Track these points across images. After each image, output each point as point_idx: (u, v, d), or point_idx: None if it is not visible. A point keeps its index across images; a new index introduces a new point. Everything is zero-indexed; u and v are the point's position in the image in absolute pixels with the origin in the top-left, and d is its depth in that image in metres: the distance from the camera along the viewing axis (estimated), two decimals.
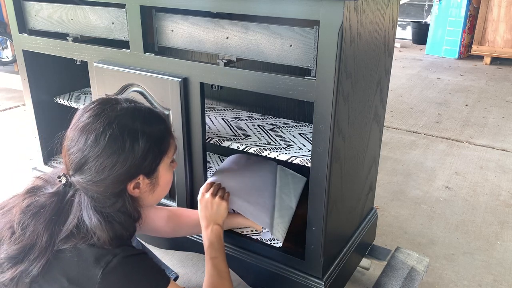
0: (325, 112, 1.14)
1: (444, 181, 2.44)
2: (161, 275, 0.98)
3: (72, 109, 1.91)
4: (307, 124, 1.68)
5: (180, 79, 1.36)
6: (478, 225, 2.03)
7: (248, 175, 1.54)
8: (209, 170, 1.87)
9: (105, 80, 1.54)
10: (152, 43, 1.44)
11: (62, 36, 1.65)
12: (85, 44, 1.59)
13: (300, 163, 1.36)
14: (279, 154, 1.39)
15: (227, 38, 1.27)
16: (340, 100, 1.15)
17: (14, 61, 4.18)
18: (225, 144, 1.49)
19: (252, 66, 1.36)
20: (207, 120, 1.68)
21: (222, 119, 1.72)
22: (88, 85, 1.86)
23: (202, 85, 1.36)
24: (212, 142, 1.50)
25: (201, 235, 1.53)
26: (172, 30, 1.37)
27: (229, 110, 1.83)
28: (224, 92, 1.88)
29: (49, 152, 1.99)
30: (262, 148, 1.43)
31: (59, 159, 2.01)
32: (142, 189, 1.01)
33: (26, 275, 0.90)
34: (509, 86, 4.42)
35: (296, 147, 1.44)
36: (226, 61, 1.29)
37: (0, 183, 2.32)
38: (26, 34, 1.74)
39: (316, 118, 1.16)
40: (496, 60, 5.44)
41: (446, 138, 3.05)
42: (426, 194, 2.30)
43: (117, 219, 0.96)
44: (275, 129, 1.62)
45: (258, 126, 1.65)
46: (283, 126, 1.65)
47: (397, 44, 6.29)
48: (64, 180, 0.96)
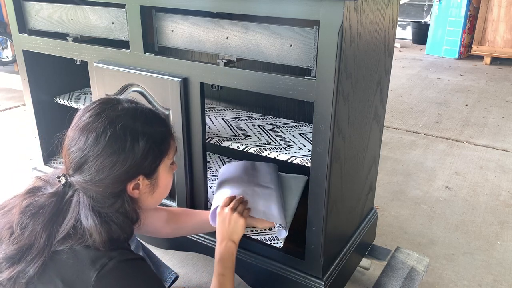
0: (325, 112, 1.14)
1: (444, 181, 2.44)
2: (158, 282, 0.97)
3: (72, 109, 1.92)
4: (307, 124, 1.68)
5: (180, 79, 1.36)
6: (478, 225, 2.03)
7: (256, 181, 1.56)
8: (209, 170, 1.88)
9: (105, 80, 1.54)
10: (152, 43, 1.44)
11: (62, 36, 1.65)
12: (85, 44, 1.59)
13: (300, 163, 1.36)
14: (279, 154, 1.39)
15: (227, 38, 1.27)
16: (340, 100, 1.15)
17: (14, 61, 4.18)
18: (225, 144, 1.49)
19: (252, 66, 1.36)
20: (207, 120, 1.68)
21: (222, 119, 1.72)
22: (88, 85, 1.86)
23: (202, 85, 1.36)
24: (212, 142, 1.50)
25: (201, 235, 1.54)
26: (172, 30, 1.37)
27: (229, 110, 1.83)
28: (224, 92, 1.88)
29: (49, 152, 1.99)
30: (262, 148, 1.43)
31: (59, 159, 2.01)
32: (142, 190, 1.01)
33: (23, 276, 0.90)
34: (509, 86, 4.42)
35: (296, 147, 1.44)
36: (226, 61, 1.29)
37: (0, 183, 2.32)
38: (26, 34, 1.74)
39: (316, 118, 1.16)
40: (496, 60, 5.44)
41: (446, 138, 3.05)
42: (426, 194, 2.30)
43: (115, 220, 0.96)
44: (275, 129, 1.62)
45: (258, 126, 1.65)
46: (283, 126, 1.65)
47: (397, 44, 6.29)
48: (63, 180, 0.95)
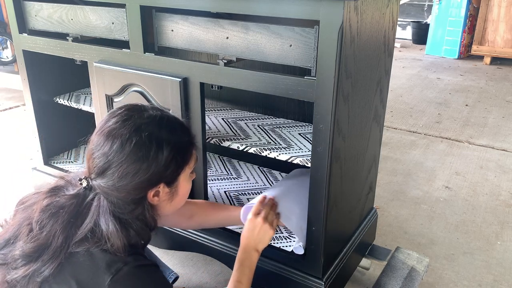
0: (325, 112, 1.14)
1: (444, 181, 2.44)
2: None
3: (72, 109, 1.92)
4: (307, 124, 1.68)
5: (180, 79, 1.36)
6: (478, 225, 2.03)
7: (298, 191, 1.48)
8: (209, 170, 1.88)
9: (105, 80, 1.54)
10: (152, 43, 1.44)
11: (62, 36, 1.65)
12: (85, 44, 1.59)
13: (300, 163, 1.36)
14: (279, 154, 1.39)
15: (227, 38, 1.27)
16: (340, 100, 1.15)
17: (14, 61, 4.17)
18: (225, 144, 1.49)
19: (252, 66, 1.36)
20: (207, 120, 1.68)
21: (222, 119, 1.72)
22: (88, 85, 1.86)
23: (202, 85, 1.36)
24: (212, 142, 1.51)
25: (201, 234, 1.54)
26: (172, 30, 1.37)
27: (229, 110, 1.83)
28: (224, 92, 1.88)
29: (49, 152, 1.99)
30: (262, 148, 1.43)
31: (59, 159, 2.01)
32: (161, 197, 1.02)
33: (38, 275, 0.91)
34: (509, 86, 4.42)
35: (296, 147, 1.44)
36: (226, 61, 1.29)
37: (0, 183, 2.32)
38: (26, 34, 1.74)
39: (316, 118, 1.16)
40: (496, 60, 5.43)
41: (446, 138, 3.05)
42: (426, 194, 2.30)
43: (134, 226, 0.97)
44: (275, 129, 1.62)
45: (258, 126, 1.65)
46: (283, 126, 1.65)
47: (397, 44, 6.29)
48: (85, 183, 0.96)
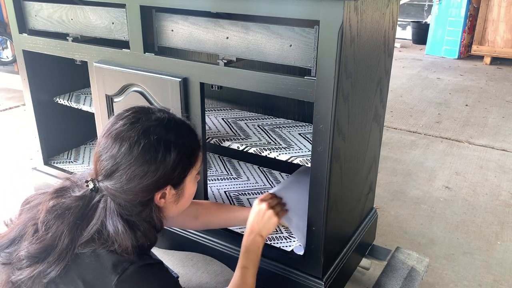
0: (325, 112, 1.14)
1: (444, 181, 2.44)
2: (175, 286, 1.00)
3: (72, 109, 1.92)
4: (307, 124, 1.68)
5: (180, 79, 1.36)
6: (478, 225, 2.03)
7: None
8: (209, 170, 1.88)
9: (105, 80, 1.54)
10: (152, 43, 1.44)
11: (62, 36, 1.65)
12: (85, 44, 1.59)
13: (300, 163, 1.36)
14: (279, 154, 1.39)
15: (227, 38, 1.27)
16: (340, 100, 1.15)
17: (14, 61, 4.17)
18: (225, 144, 1.49)
19: (252, 66, 1.36)
20: (207, 120, 1.68)
21: (222, 119, 1.72)
22: (88, 85, 1.86)
23: (202, 85, 1.36)
24: (212, 142, 1.50)
25: (202, 235, 1.54)
26: (172, 30, 1.37)
27: (229, 110, 1.83)
28: (224, 92, 1.88)
29: (49, 152, 1.99)
30: (262, 148, 1.43)
31: (59, 159, 2.01)
32: (168, 199, 1.02)
33: (44, 276, 0.91)
34: (509, 86, 4.42)
35: (296, 147, 1.44)
36: (226, 61, 1.29)
37: (0, 183, 2.32)
38: (26, 34, 1.74)
39: (316, 118, 1.16)
40: (496, 60, 5.43)
41: (446, 138, 3.05)
42: (426, 194, 2.30)
43: (141, 227, 0.97)
44: (275, 129, 1.62)
45: (258, 126, 1.65)
46: (283, 126, 1.65)
47: (397, 44, 6.29)
48: (91, 185, 0.97)
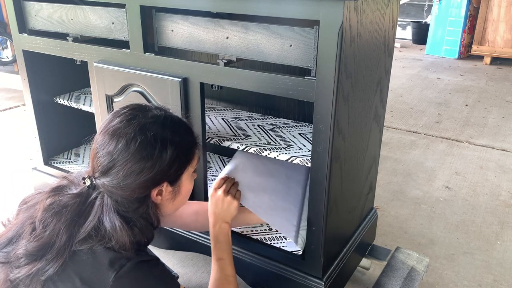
0: (325, 112, 1.14)
1: (444, 181, 2.44)
2: (173, 282, 1.00)
3: (72, 109, 1.92)
4: (307, 124, 1.68)
5: (180, 79, 1.36)
6: (478, 225, 2.03)
7: (269, 175, 1.50)
8: (209, 170, 1.88)
9: (105, 80, 1.54)
10: (152, 43, 1.44)
11: (62, 36, 1.65)
12: (85, 44, 1.59)
13: (300, 163, 1.36)
14: (279, 154, 1.39)
15: (227, 38, 1.27)
16: (340, 100, 1.15)
17: (14, 61, 4.17)
18: (225, 144, 1.49)
19: (252, 66, 1.36)
20: (207, 120, 1.68)
21: (222, 119, 1.72)
22: (88, 85, 1.86)
23: (202, 85, 1.36)
24: (212, 142, 1.50)
25: (201, 234, 1.54)
26: (172, 30, 1.37)
27: (229, 110, 1.83)
28: (224, 92, 1.88)
29: (49, 152, 1.99)
30: (262, 148, 1.43)
31: (59, 159, 2.01)
32: (164, 196, 1.02)
33: (42, 274, 0.92)
34: (509, 86, 4.42)
35: (296, 147, 1.44)
36: (226, 61, 1.29)
37: (0, 183, 2.32)
38: (26, 34, 1.74)
39: (316, 118, 1.16)
40: (496, 60, 5.44)
41: (446, 138, 3.05)
42: (426, 194, 2.30)
43: (137, 224, 0.98)
44: (275, 129, 1.62)
45: (258, 126, 1.65)
46: (283, 126, 1.65)
47: (397, 44, 6.29)
48: (88, 182, 0.97)
